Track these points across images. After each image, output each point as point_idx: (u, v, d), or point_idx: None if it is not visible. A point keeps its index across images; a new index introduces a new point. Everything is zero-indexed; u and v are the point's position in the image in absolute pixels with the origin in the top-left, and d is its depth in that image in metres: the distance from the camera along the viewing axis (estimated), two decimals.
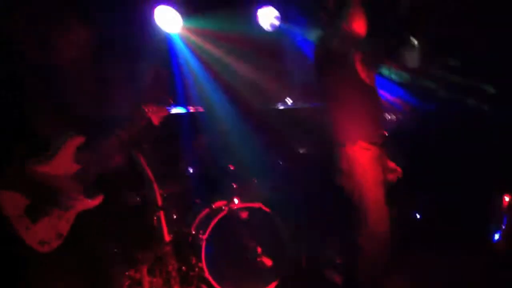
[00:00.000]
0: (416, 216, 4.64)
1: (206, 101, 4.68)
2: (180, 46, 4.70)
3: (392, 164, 3.23)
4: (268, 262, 3.78)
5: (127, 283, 3.36)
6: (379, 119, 3.14)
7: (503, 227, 3.94)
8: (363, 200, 2.91)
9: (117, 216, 3.24)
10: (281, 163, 4.56)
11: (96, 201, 2.52)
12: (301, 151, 4.62)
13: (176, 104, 3.46)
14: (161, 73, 4.18)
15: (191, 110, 3.77)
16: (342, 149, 2.99)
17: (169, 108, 2.99)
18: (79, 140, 2.49)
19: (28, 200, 2.32)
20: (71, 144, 2.47)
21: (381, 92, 3.42)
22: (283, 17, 4.79)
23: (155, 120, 2.80)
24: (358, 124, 3.01)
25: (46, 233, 2.35)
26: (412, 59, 4.45)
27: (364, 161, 2.96)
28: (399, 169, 3.23)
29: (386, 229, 2.93)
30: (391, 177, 3.22)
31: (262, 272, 3.76)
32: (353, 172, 2.95)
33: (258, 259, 3.77)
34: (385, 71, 3.89)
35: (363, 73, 3.04)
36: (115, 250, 2.96)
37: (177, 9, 4.40)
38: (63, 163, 2.44)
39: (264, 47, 4.81)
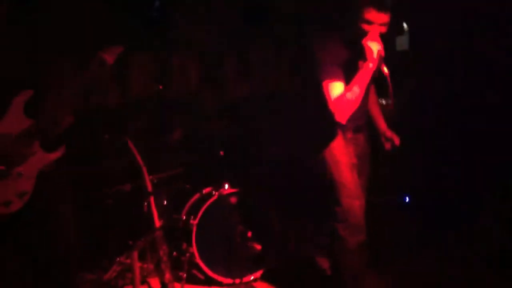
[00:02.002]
0: (406, 200, 4.69)
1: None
2: None
3: (388, 133, 3.25)
4: (258, 246, 3.80)
5: (118, 269, 3.38)
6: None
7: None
8: (335, 183, 2.96)
9: (108, 203, 3.24)
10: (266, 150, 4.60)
11: (57, 153, 2.50)
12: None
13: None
14: None
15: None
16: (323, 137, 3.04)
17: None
18: (27, 94, 2.45)
19: None
20: (19, 100, 2.43)
21: None
22: None
23: (109, 59, 2.64)
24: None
25: (8, 193, 2.35)
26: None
27: (334, 144, 3.00)
28: (396, 137, 3.24)
29: (361, 212, 2.98)
30: (387, 146, 3.25)
31: (253, 256, 3.79)
32: (324, 156, 3.00)
33: (248, 244, 3.79)
34: None
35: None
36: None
37: None
38: (13, 120, 2.41)
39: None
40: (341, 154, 2.99)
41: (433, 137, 4.55)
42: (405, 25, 4.63)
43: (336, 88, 2.76)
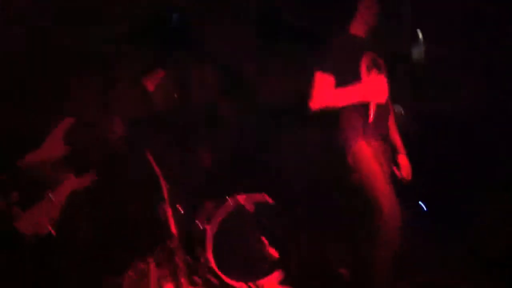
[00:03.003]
0: (422, 207, 4.68)
1: None
2: None
3: (402, 160, 3.28)
4: (274, 253, 3.87)
5: (133, 274, 3.50)
6: (382, 112, 3.17)
7: None
8: (375, 194, 2.96)
9: (125, 211, 3.35)
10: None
11: (87, 180, 2.64)
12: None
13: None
14: None
15: None
16: (346, 144, 3.06)
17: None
18: (68, 121, 2.60)
19: (18, 189, 2.44)
20: (61, 127, 2.58)
21: None
22: None
23: (150, 87, 2.85)
24: (362, 118, 3.07)
25: (38, 218, 2.47)
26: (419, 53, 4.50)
27: (368, 155, 3.02)
28: (407, 166, 3.28)
29: (399, 224, 2.98)
30: (404, 173, 3.27)
31: (268, 262, 3.86)
32: (359, 167, 3.01)
33: (264, 250, 3.87)
34: None
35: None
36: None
37: None
38: (53, 146, 2.56)
39: None
40: (376, 163, 3.02)
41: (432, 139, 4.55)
42: (419, 33, 4.62)
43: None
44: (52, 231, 2.50)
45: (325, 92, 2.99)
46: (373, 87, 2.98)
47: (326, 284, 3.82)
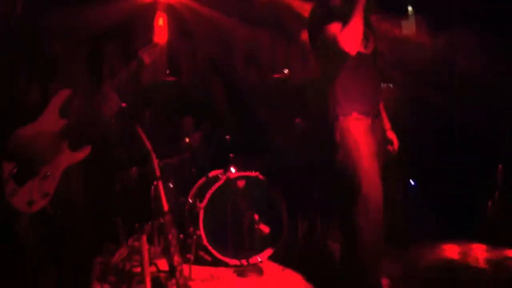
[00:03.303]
0: (411, 184, 4.71)
1: None
2: None
3: (391, 134, 3.26)
4: (265, 229, 3.84)
5: (126, 252, 3.45)
6: (372, 89, 3.12)
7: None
8: (357, 170, 2.91)
9: (117, 188, 3.28)
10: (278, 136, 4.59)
11: (82, 154, 2.57)
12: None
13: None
14: None
15: None
16: (335, 121, 3.01)
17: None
18: (65, 93, 2.52)
19: (12, 164, 2.38)
20: (57, 99, 2.51)
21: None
22: None
23: (147, 59, 2.70)
24: (349, 96, 3.01)
25: (33, 194, 2.41)
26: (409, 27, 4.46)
27: (355, 131, 2.96)
28: (395, 141, 3.26)
29: (380, 199, 2.94)
30: (390, 148, 3.25)
31: (260, 239, 3.84)
32: (345, 143, 2.95)
33: (256, 226, 3.84)
34: None
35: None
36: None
37: None
38: (49, 119, 2.48)
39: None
40: (363, 140, 2.95)
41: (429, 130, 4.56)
42: (410, 8, 4.58)
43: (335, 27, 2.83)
44: (48, 207, 2.42)
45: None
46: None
47: (317, 259, 3.82)
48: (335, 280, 3.26)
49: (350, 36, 2.80)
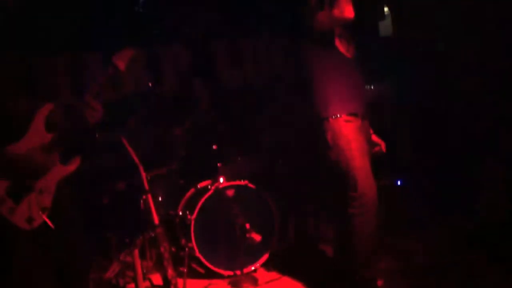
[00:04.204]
0: (398, 183, 4.73)
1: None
2: None
3: (375, 138, 3.29)
4: (257, 237, 3.79)
5: (118, 268, 3.37)
6: (359, 91, 3.17)
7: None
8: (350, 169, 2.96)
9: (107, 202, 3.22)
10: (267, 140, 4.58)
11: (73, 166, 2.57)
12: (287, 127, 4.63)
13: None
14: None
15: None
16: (325, 123, 3.04)
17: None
18: (47, 108, 2.51)
19: (7, 182, 2.36)
20: (41, 115, 2.50)
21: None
22: None
23: (121, 65, 2.66)
24: (339, 97, 3.05)
25: (31, 210, 2.39)
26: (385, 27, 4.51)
27: (347, 132, 3.02)
28: (382, 142, 3.30)
29: (375, 196, 2.99)
30: (377, 149, 3.28)
31: (252, 247, 3.79)
32: (338, 144, 3.00)
33: (247, 235, 3.79)
34: None
35: (342, 47, 3.08)
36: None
37: None
38: (36, 135, 2.47)
39: None
40: (355, 141, 3.01)
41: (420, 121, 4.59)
42: (386, 9, 4.63)
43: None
44: (48, 221, 2.41)
45: None
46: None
47: (311, 262, 3.79)
48: (329, 281, 3.26)
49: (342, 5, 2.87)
